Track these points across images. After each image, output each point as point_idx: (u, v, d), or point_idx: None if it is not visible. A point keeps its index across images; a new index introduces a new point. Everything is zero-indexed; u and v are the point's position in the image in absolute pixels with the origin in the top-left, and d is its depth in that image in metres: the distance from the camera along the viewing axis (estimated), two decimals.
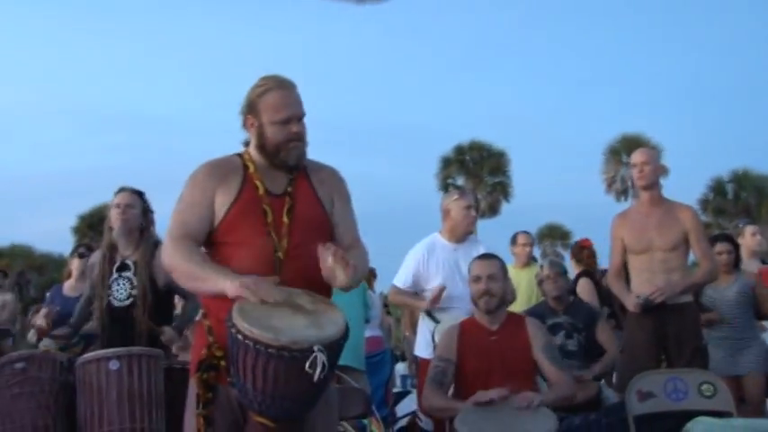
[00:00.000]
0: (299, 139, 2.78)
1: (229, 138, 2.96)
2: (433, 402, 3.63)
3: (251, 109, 2.79)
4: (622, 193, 39.33)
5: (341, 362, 2.74)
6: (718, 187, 38.82)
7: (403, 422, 6.45)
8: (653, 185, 4.55)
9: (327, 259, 2.53)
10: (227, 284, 2.50)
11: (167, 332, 4.20)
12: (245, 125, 2.85)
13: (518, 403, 3.30)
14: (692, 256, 4.56)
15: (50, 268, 37.37)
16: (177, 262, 2.65)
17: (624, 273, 4.68)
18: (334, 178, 2.92)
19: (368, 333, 6.53)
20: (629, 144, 39.66)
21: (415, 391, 5.82)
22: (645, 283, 4.39)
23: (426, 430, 4.76)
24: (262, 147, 2.79)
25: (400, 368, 9.00)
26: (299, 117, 2.78)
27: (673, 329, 4.29)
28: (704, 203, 38.68)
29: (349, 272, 2.52)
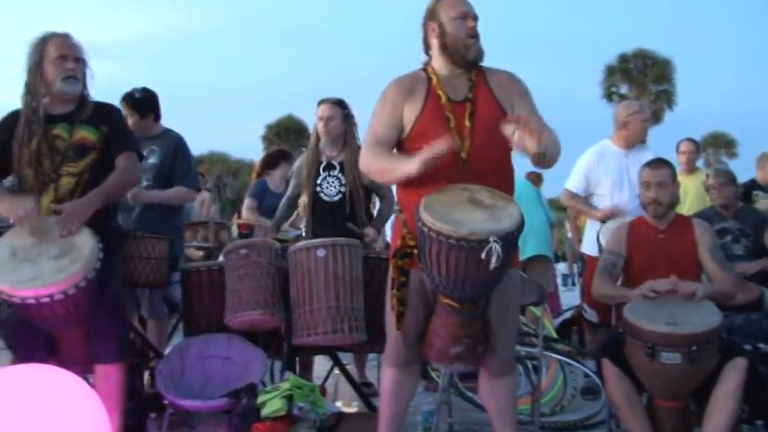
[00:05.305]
0: (476, 36, 2.89)
1: (403, 53, 3.12)
2: (603, 290, 3.62)
3: (431, 16, 2.92)
4: None
5: (535, 251, 2.85)
6: None
7: (567, 314, 6.53)
8: None
9: (511, 131, 2.60)
10: (410, 166, 2.68)
11: (371, 233, 4.40)
12: (426, 39, 2.97)
13: (683, 291, 3.29)
14: None
15: (244, 172, 39.20)
16: (370, 162, 2.87)
17: None
18: (511, 80, 2.97)
19: None
20: None
21: (578, 287, 5.87)
22: None
23: (591, 321, 4.77)
24: (443, 47, 2.90)
25: (561, 267, 9.02)
26: (474, 15, 2.89)
27: None
28: None
29: (535, 137, 2.56)
